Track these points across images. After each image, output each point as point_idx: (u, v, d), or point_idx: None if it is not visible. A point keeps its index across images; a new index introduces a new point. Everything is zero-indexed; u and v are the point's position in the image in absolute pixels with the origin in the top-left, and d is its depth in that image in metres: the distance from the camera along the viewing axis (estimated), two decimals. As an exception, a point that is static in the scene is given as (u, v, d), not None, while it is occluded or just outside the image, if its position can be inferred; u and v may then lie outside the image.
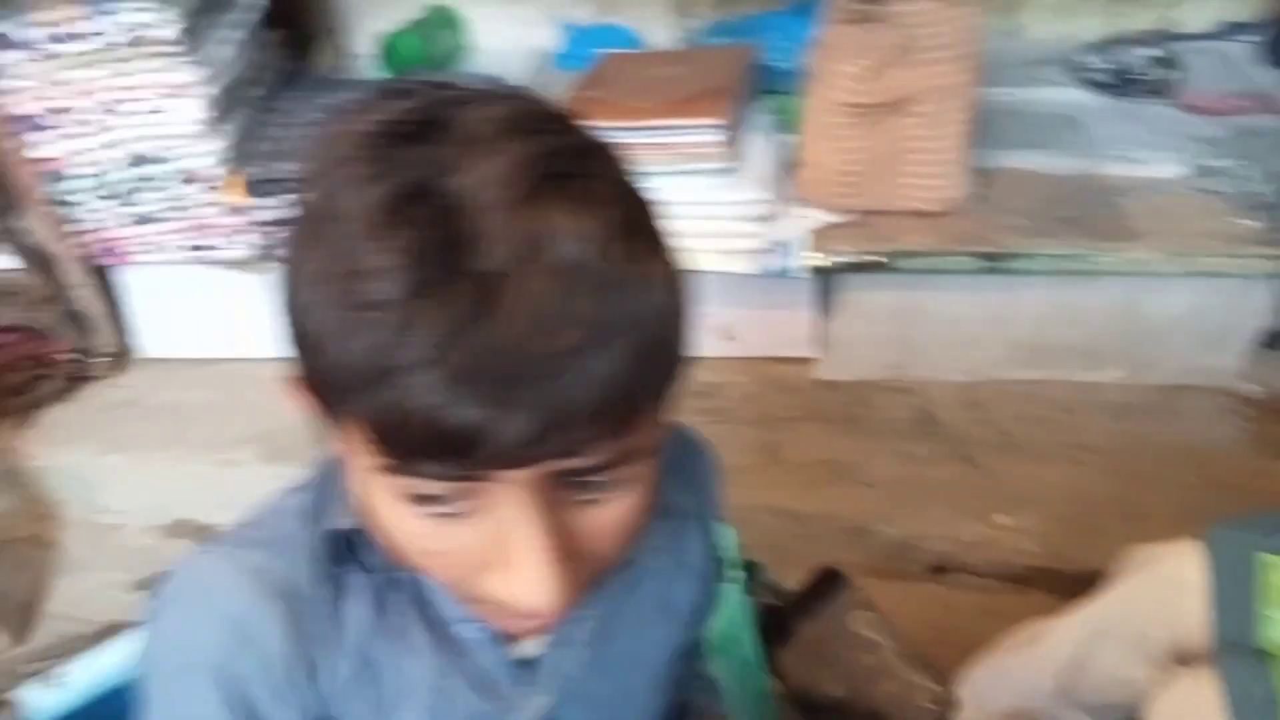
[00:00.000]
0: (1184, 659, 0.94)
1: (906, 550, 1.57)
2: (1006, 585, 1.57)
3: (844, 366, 1.82)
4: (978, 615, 1.54)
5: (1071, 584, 1.45)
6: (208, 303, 1.88)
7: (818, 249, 1.65)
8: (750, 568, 1.12)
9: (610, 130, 0.45)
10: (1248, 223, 1.62)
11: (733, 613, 1.03)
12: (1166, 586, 0.96)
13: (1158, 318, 1.70)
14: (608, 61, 1.89)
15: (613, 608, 0.59)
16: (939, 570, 1.59)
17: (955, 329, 1.75)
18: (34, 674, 0.70)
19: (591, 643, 0.58)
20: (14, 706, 0.67)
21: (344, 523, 0.51)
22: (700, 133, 1.61)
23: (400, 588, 0.53)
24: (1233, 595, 0.88)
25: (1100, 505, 1.56)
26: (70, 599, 1.67)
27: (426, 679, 0.53)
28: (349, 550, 0.52)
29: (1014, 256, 1.62)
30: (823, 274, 1.72)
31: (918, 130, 1.59)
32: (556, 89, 1.91)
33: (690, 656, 0.73)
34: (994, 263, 1.63)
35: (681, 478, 0.64)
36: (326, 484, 0.54)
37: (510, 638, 0.55)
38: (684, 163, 1.63)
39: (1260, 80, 1.89)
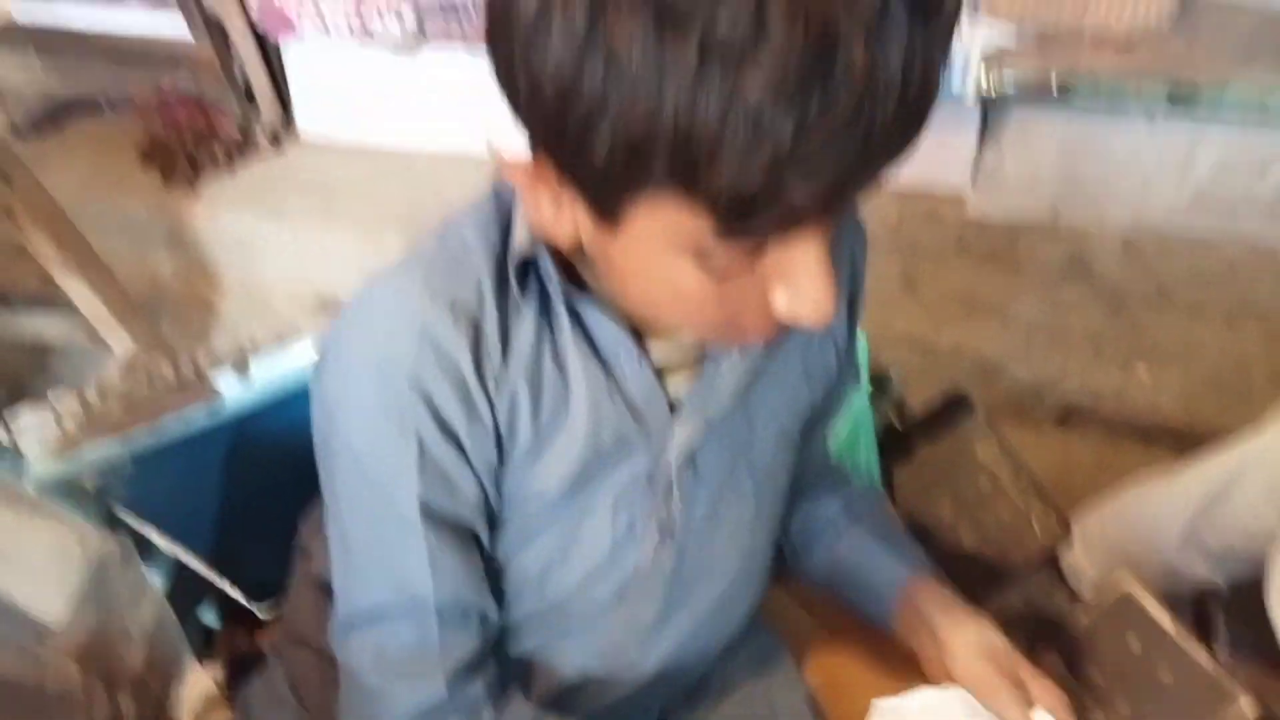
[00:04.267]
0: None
1: (1037, 392, 1.54)
2: (1134, 440, 1.52)
3: (999, 204, 1.73)
4: (1099, 467, 1.51)
5: (1202, 448, 1.40)
6: (366, 86, 1.92)
7: (989, 71, 1.54)
8: (878, 382, 1.11)
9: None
10: None
11: (856, 422, 1.03)
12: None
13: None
14: None
15: (762, 361, 0.62)
16: (1067, 416, 1.55)
17: (1127, 170, 1.64)
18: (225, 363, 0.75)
19: (738, 389, 0.61)
20: (210, 389, 0.72)
21: (524, 249, 0.54)
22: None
23: (564, 315, 0.55)
24: None
25: (1249, 370, 1.48)
26: (227, 357, 1.81)
27: (584, 401, 0.56)
28: (525, 277, 0.55)
29: (1206, 91, 1.48)
30: (991, 101, 1.62)
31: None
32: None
33: (819, 429, 0.75)
34: (1183, 96, 1.50)
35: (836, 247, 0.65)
36: (502, 214, 0.56)
37: (658, 373, 0.58)
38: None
39: None
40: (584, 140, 0.41)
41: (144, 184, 1.95)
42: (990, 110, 1.67)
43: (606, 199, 0.45)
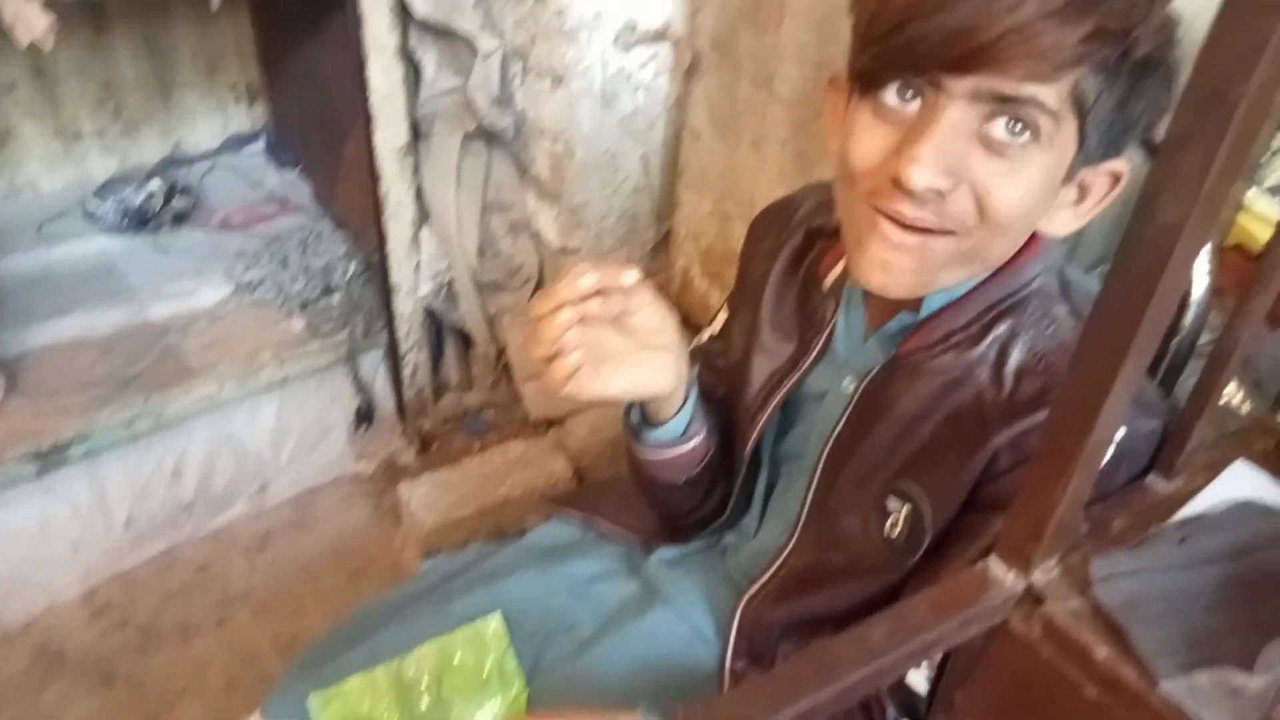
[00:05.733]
0: None
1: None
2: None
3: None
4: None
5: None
6: None
7: None
8: None
9: None
10: (297, 323, 1.68)
11: None
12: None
13: (257, 439, 1.68)
14: None
15: None
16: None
17: (49, 540, 1.51)
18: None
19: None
20: None
21: None
22: None
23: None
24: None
25: (259, 655, 1.48)
26: None
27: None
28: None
29: (73, 442, 1.45)
30: None
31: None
32: None
33: None
34: (54, 455, 1.44)
35: None
36: None
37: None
38: None
39: (274, 183, 1.98)
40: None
41: None
42: None
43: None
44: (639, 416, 0.80)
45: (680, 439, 0.79)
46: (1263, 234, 1.02)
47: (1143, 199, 0.36)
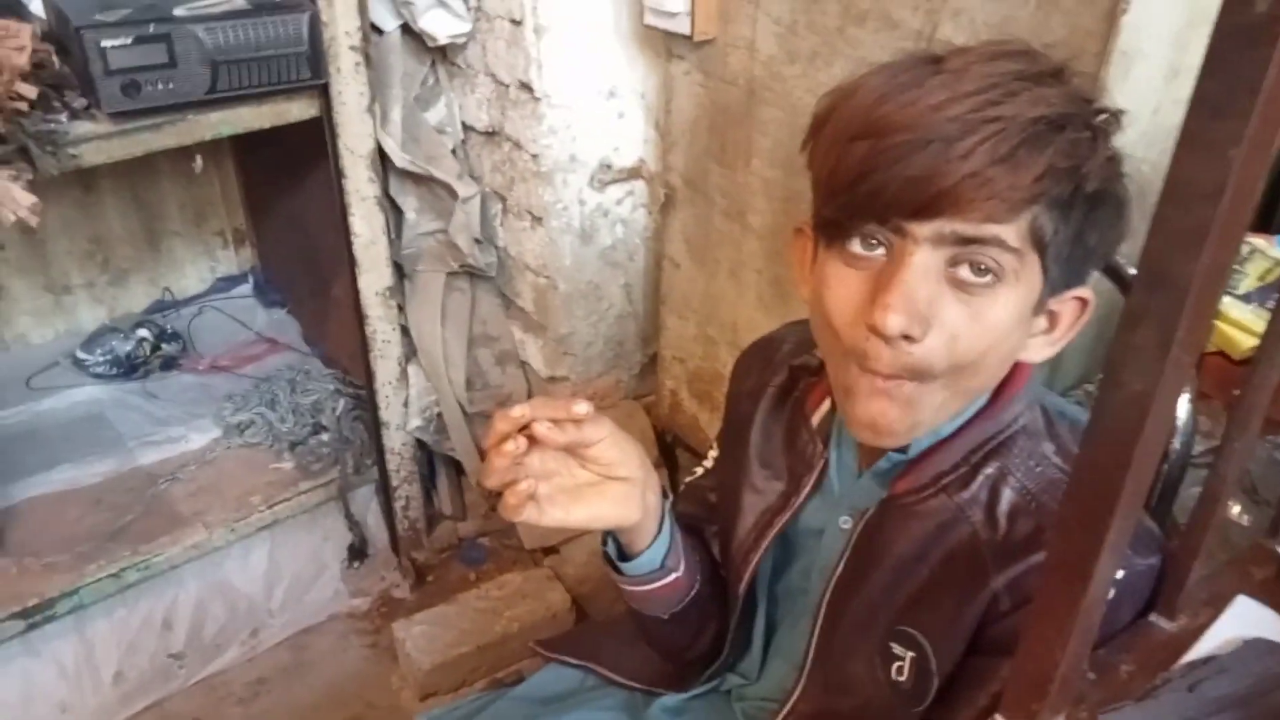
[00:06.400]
0: None
1: None
2: None
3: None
4: None
5: None
6: None
7: None
8: None
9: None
10: (286, 464, 1.67)
11: None
12: None
13: (249, 583, 1.65)
14: None
15: None
16: None
17: (35, 701, 1.47)
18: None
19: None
20: None
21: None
22: None
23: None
24: None
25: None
26: None
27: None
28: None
29: (60, 599, 1.42)
30: None
31: None
32: None
33: None
34: (40, 614, 1.41)
35: None
36: None
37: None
38: None
39: (263, 323, 1.99)
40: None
41: None
42: None
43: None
44: (615, 548, 0.79)
45: (658, 572, 0.78)
46: (1241, 339, 1.03)
47: (1108, 369, 0.37)
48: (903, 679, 0.67)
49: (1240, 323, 1.03)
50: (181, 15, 1.26)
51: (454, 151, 1.64)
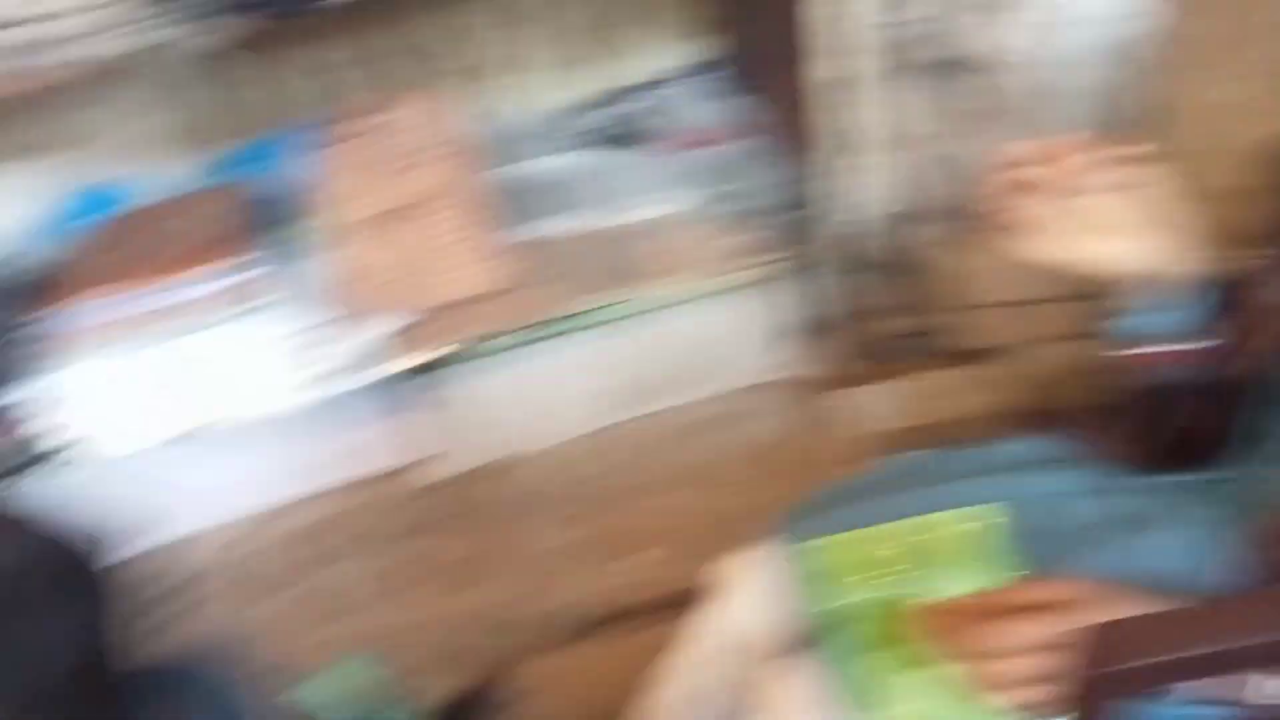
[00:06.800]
0: (778, 653, 1.02)
1: (558, 619, 1.59)
2: (650, 623, 1.64)
3: (442, 464, 1.81)
4: (640, 658, 1.60)
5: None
6: None
7: (388, 358, 1.64)
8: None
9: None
10: (740, 239, 1.84)
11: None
12: (749, 592, 1.05)
13: (698, 340, 1.88)
14: (104, 229, 1.74)
15: None
16: (596, 627, 1.63)
17: (533, 399, 1.81)
18: None
19: None
20: None
21: None
22: (216, 280, 1.54)
23: None
24: (808, 582, 0.97)
25: (707, 521, 1.68)
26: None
27: None
28: None
29: (564, 319, 1.71)
30: (398, 381, 1.71)
31: (438, 227, 1.63)
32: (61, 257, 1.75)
33: None
34: (548, 329, 1.71)
35: None
36: None
37: None
38: (214, 313, 1.56)
39: (726, 110, 2.14)
40: None
41: None
42: (403, 389, 1.75)
43: None
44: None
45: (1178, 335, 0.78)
46: None
47: None
48: None
49: None
50: None
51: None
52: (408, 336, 1.66)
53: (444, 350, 1.65)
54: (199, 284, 1.56)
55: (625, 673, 1.56)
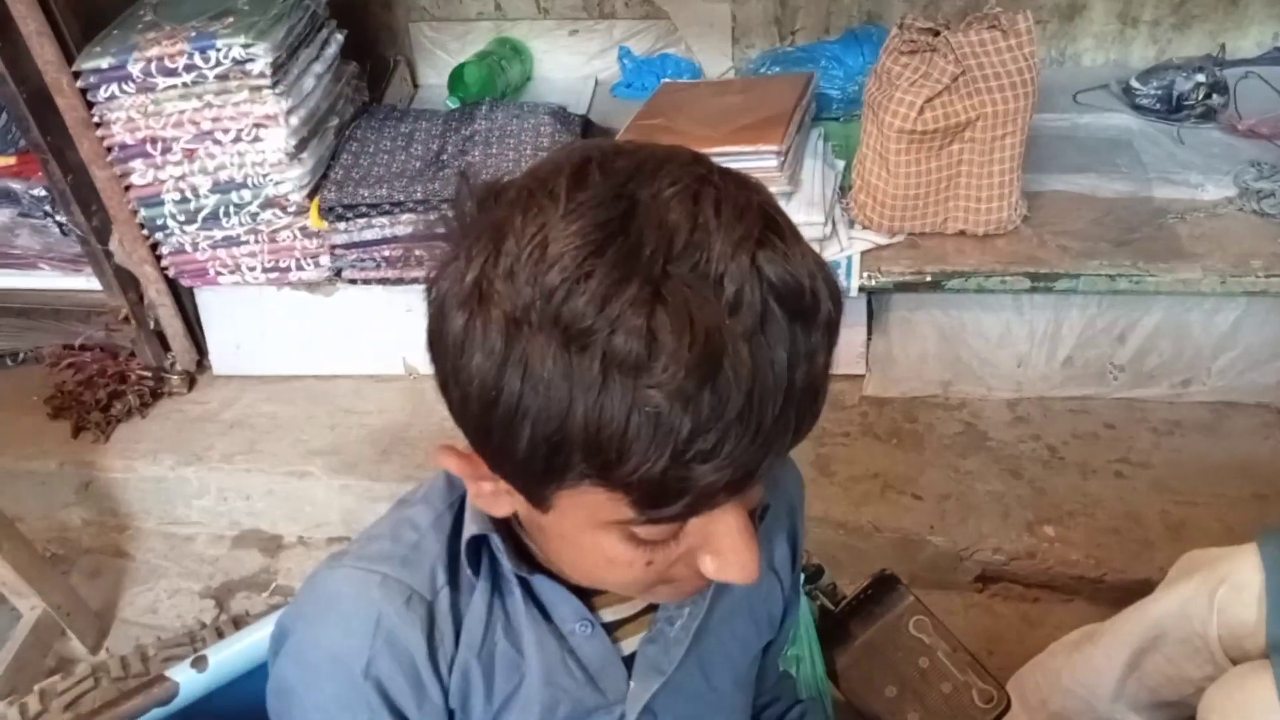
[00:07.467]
0: (1240, 657, 0.97)
1: (954, 561, 1.60)
2: (1051, 595, 1.59)
3: (893, 384, 1.85)
4: (1023, 624, 1.57)
5: (1115, 594, 1.48)
6: (281, 322, 1.97)
7: (868, 270, 1.70)
8: (811, 572, 1.16)
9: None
10: (1297, 243, 1.65)
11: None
12: (1224, 587, 0.99)
13: (1204, 337, 1.72)
14: (666, 91, 1.96)
15: (707, 607, 0.64)
16: (986, 580, 1.62)
17: (1002, 347, 1.79)
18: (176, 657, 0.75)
19: (686, 639, 0.63)
20: (167, 683, 0.72)
21: (476, 530, 0.57)
22: (759, 158, 1.67)
23: (516, 588, 0.59)
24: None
25: (1144, 518, 1.59)
26: (143, 607, 1.75)
27: (538, 675, 0.59)
28: (476, 555, 0.59)
29: (1062, 276, 1.66)
30: (873, 294, 1.77)
31: (972, 156, 1.63)
32: (618, 117, 1.99)
33: (771, 654, 0.78)
34: (1042, 282, 1.66)
35: (774, 487, 0.69)
36: (450, 499, 0.61)
37: (610, 630, 0.61)
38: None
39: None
40: (508, 441, 0.45)
41: (53, 437, 1.93)
42: (878, 301, 1.81)
43: (533, 489, 0.49)
44: None
45: None
46: None
47: None
48: None
49: None
50: None
51: None
52: (889, 254, 1.70)
53: (928, 277, 1.68)
54: (733, 159, 1.71)
55: (999, 631, 1.55)
